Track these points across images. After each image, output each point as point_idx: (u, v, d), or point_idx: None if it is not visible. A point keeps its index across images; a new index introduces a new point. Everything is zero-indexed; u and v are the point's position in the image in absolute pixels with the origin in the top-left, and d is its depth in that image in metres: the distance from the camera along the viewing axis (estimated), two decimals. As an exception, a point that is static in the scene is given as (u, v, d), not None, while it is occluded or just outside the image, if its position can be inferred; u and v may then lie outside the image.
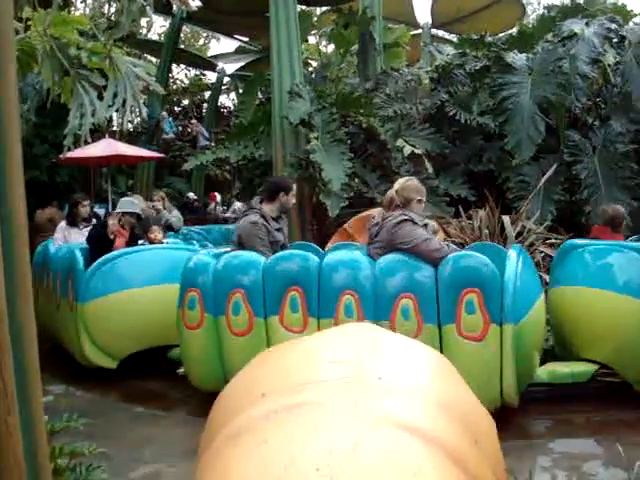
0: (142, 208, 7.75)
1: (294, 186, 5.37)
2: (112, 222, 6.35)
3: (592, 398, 4.61)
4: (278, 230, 5.15)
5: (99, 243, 6.17)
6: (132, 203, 6.78)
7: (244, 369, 1.88)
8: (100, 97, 3.26)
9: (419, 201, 4.71)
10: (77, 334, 5.59)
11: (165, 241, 7.14)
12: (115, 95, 3.29)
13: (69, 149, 3.44)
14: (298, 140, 8.43)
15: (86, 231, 6.88)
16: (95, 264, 5.72)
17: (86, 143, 3.63)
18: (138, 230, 6.77)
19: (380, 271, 4.32)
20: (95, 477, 2.43)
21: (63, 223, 7.52)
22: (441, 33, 17.15)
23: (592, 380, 4.63)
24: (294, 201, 5.49)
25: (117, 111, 3.41)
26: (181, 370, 5.09)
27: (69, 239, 7.23)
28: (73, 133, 3.30)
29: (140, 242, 6.65)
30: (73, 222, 7.46)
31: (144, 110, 3.54)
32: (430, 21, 15.00)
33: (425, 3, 15.33)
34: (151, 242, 6.69)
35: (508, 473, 3.23)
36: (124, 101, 3.31)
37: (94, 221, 7.82)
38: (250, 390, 1.65)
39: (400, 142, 8.13)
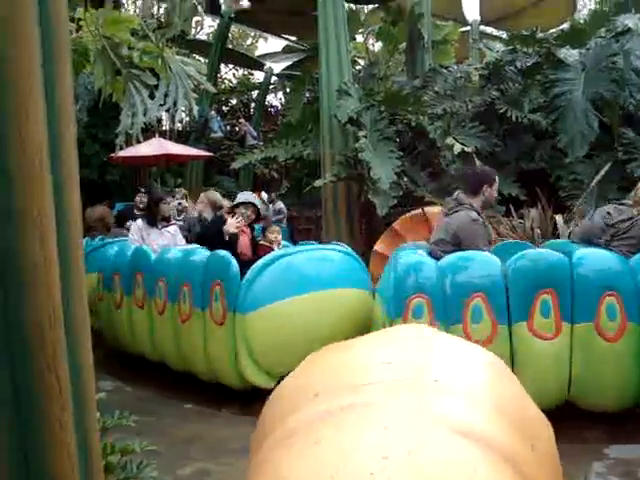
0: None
1: (497, 178, 4.93)
2: (236, 219, 5.64)
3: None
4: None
5: (218, 243, 5.42)
6: (250, 196, 6.23)
7: (296, 370, 1.88)
8: (152, 96, 3.29)
9: None
10: (233, 349, 4.87)
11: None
12: (166, 94, 3.31)
13: (121, 148, 3.48)
14: (346, 138, 8.44)
15: (166, 231, 6.43)
16: (255, 269, 4.97)
17: (137, 142, 3.67)
18: None
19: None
20: (145, 474, 2.44)
21: (140, 222, 6.57)
22: (489, 30, 16.95)
23: None
24: (496, 194, 5.07)
25: (168, 110, 3.43)
26: None
27: (147, 240, 6.36)
28: (125, 132, 3.33)
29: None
30: (152, 222, 6.52)
31: (195, 109, 3.55)
32: (479, 18, 14.81)
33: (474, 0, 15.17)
34: (270, 243, 5.86)
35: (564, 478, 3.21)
36: (175, 100, 3.33)
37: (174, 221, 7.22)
38: (303, 390, 1.64)
39: (450, 140, 8.06)
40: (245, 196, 6.12)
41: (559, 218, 6.81)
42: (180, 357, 5.30)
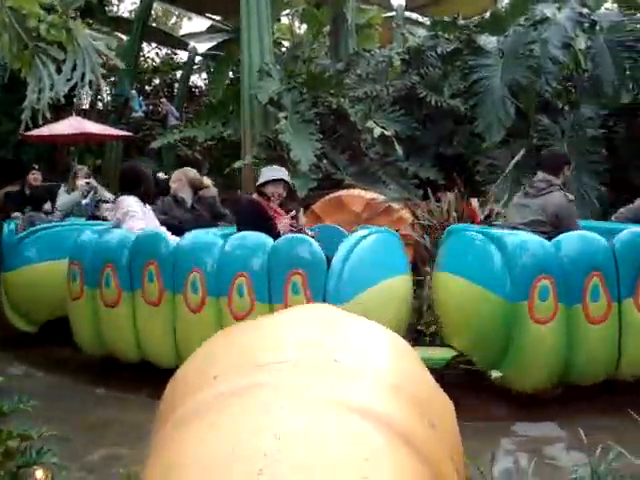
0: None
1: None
2: (289, 218, 5.08)
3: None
4: None
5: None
6: (279, 171, 5.28)
7: (197, 351, 1.84)
8: (59, 71, 3.17)
9: None
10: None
11: None
12: (74, 69, 3.19)
13: (27, 125, 3.34)
14: (267, 120, 8.37)
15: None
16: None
17: (45, 119, 3.51)
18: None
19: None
20: (45, 460, 2.38)
21: (135, 200, 5.36)
22: (415, 16, 17.07)
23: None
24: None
25: (75, 86, 3.31)
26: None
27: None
28: (30, 108, 3.21)
29: None
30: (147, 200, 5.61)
31: (103, 85, 3.41)
32: (404, 3, 14.90)
33: (399, -15, 15.24)
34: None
35: (470, 455, 3.24)
36: (83, 75, 3.21)
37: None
38: (202, 372, 1.61)
39: (370, 124, 8.08)
40: (273, 172, 5.24)
41: (475, 202, 6.91)
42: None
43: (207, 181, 6.74)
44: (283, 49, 13.00)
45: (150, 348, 4.77)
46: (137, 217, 5.23)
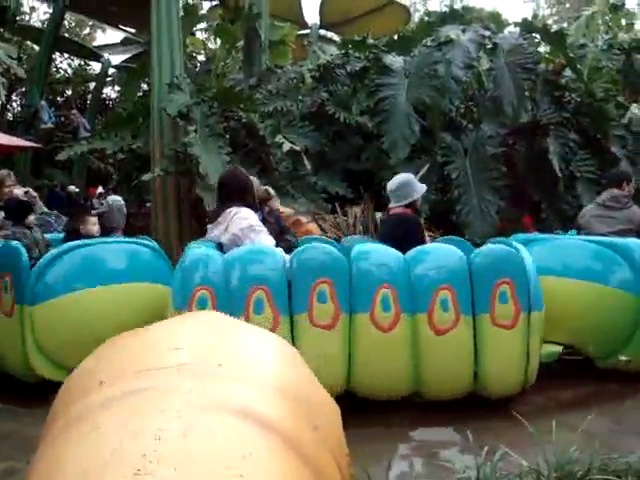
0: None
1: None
2: None
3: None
4: None
5: None
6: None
7: (86, 358, 1.85)
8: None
9: None
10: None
11: None
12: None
13: None
14: (177, 133, 8.34)
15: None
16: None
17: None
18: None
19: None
20: None
21: (252, 212, 4.94)
22: (330, 35, 17.34)
23: None
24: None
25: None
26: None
27: None
28: None
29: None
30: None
31: (3, 93, 3.38)
32: (318, 21, 15.13)
33: (314, 3, 15.46)
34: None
35: (369, 459, 3.33)
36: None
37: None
38: (89, 378, 1.63)
39: (279, 138, 8.17)
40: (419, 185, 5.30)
41: (380, 216, 7.09)
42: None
43: (272, 191, 6.22)
44: (197, 63, 12.98)
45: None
46: (264, 232, 4.69)
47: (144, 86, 14.13)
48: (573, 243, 5.29)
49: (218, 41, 13.81)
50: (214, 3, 13.72)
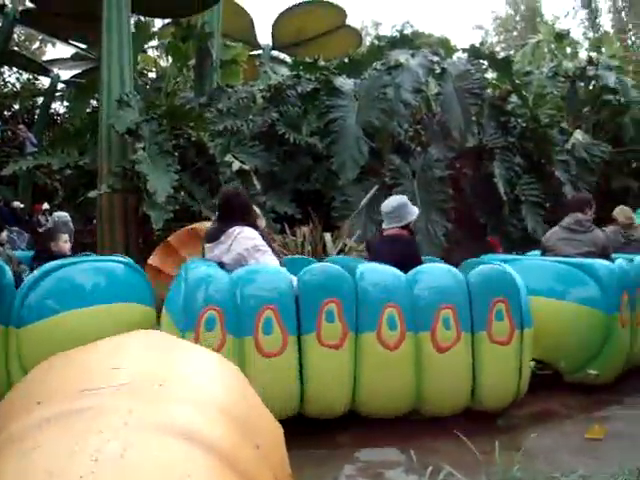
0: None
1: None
2: None
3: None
4: None
5: None
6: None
7: (26, 376, 1.82)
8: None
9: None
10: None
11: None
12: None
13: None
14: (125, 150, 8.27)
15: None
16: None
17: None
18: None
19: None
20: None
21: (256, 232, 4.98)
22: (283, 56, 17.43)
23: None
24: None
25: None
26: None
27: None
28: None
29: None
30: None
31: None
32: (271, 43, 15.21)
33: (267, 25, 15.55)
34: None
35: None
36: None
37: None
38: (27, 398, 1.61)
39: (229, 157, 8.17)
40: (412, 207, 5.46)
41: (328, 236, 7.12)
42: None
43: (258, 210, 5.97)
44: (148, 80, 12.89)
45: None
46: (269, 252, 4.68)
47: (93, 102, 13.97)
48: (543, 264, 5.50)
49: (170, 59, 13.78)
50: (166, 21, 13.70)
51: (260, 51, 15.38)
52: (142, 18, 11.83)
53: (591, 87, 12.33)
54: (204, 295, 4.04)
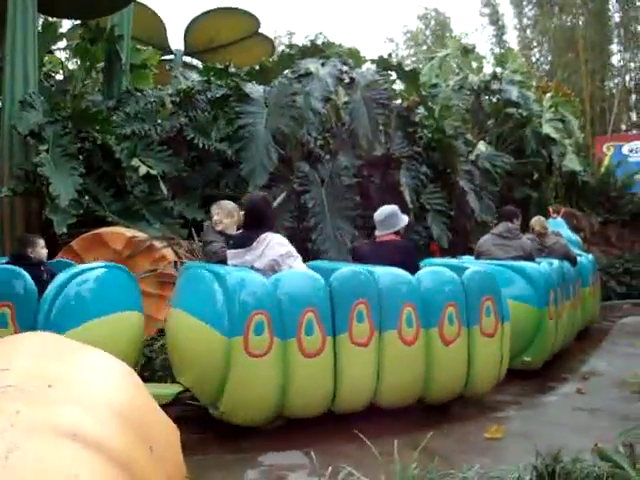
0: None
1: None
2: None
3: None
4: None
5: None
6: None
7: None
8: None
9: None
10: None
11: None
12: None
13: None
14: (28, 152, 8.03)
15: None
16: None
17: None
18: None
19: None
20: None
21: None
22: (196, 62, 17.31)
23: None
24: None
25: None
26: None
27: None
28: None
29: None
30: None
31: None
32: (183, 48, 15.09)
33: (179, 30, 15.44)
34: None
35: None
36: None
37: None
38: None
39: (135, 162, 8.06)
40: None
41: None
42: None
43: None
44: (53, 82, 12.55)
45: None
46: (299, 258, 4.89)
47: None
48: (486, 266, 5.84)
49: (78, 61, 13.48)
50: (75, 23, 13.39)
51: (172, 56, 15.25)
52: (49, 19, 11.51)
53: (495, 100, 12.81)
54: (252, 300, 4.22)
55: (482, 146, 11.27)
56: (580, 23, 28.40)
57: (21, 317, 4.36)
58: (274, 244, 4.77)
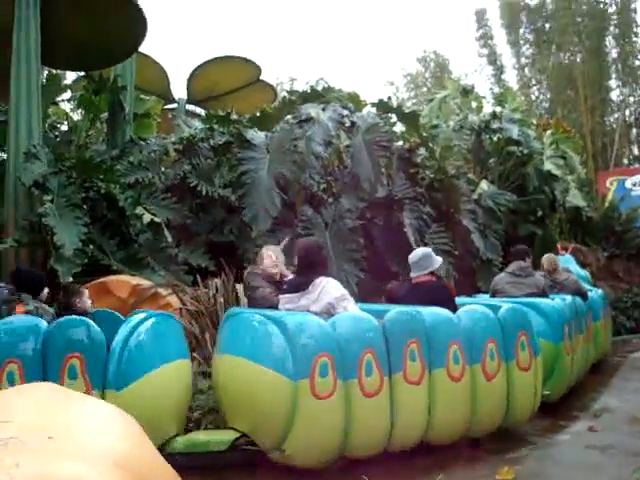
0: None
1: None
2: None
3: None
4: None
5: None
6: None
7: None
8: None
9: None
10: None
11: None
12: None
13: None
14: (32, 203, 8.09)
15: None
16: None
17: None
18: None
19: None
20: None
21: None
22: (199, 110, 17.52)
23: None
24: None
25: None
26: None
27: None
28: None
29: None
30: None
31: None
32: (185, 96, 15.30)
33: (182, 78, 15.67)
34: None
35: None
36: None
37: None
38: None
39: (140, 210, 8.11)
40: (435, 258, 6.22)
41: (240, 287, 7.11)
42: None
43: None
44: (58, 133, 12.72)
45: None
46: (352, 300, 5.04)
47: (2, 155, 13.68)
48: (502, 305, 5.91)
49: (82, 112, 13.67)
50: (79, 74, 13.62)
51: (175, 105, 15.46)
52: (53, 70, 11.71)
53: (496, 139, 12.89)
54: (314, 343, 4.32)
55: (484, 185, 11.33)
56: (578, 60, 28.73)
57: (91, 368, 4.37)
58: (330, 288, 4.90)
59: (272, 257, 5.73)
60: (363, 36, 63.75)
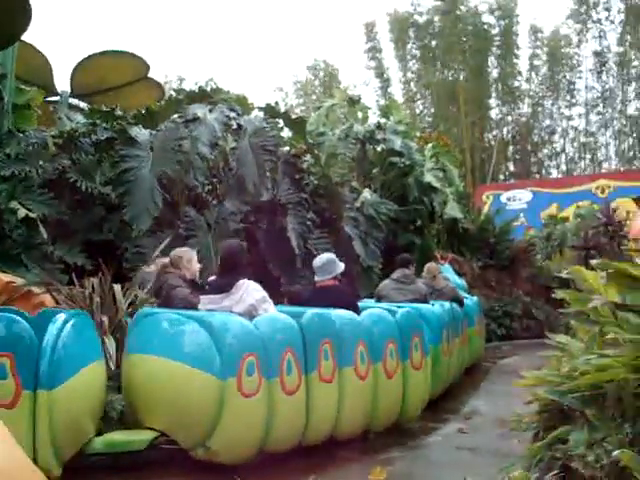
0: None
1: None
2: None
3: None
4: None
5: None
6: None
7: None
8: None
9: None
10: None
11: None
12: None
13: None
14: None
15: None
16: None
17: None
18: None
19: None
20: None
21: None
22: (84, 105, 16.98)
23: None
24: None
25: None
26: None
27: None
28: None
29: None
30: None
31: None
32: (69, 90, 14.79)
33: (66, 71, 15.11)
34: None
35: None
36: None
37: None
38: None
39: (14, 204, 7.80)
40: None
41: (117, 287, 6.97)
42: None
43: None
44: None
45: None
46: (271, 302, 5.17)
47: None
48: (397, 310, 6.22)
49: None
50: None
51: (58, 97, 14.91)
52: None
53: (379, 149, 13.24)
54: (242, 343, 4.47)
55: (367, 193, 11.60)
56: (461, 78, 29.96)
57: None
58: (251, 290, 5.04)
59: (185, 260, 5.89)
60: (255, 41, 63.88)
